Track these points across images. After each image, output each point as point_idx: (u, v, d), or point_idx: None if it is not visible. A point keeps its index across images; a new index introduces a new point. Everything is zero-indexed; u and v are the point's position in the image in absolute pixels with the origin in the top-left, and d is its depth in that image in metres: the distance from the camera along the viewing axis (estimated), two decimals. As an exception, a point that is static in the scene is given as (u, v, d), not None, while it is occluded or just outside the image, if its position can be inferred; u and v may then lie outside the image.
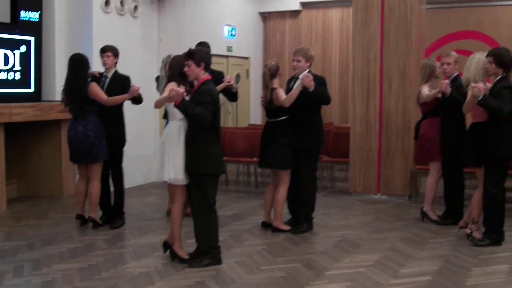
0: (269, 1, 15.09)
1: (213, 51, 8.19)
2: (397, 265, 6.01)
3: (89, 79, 7.24)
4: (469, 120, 6.99)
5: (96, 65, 8.12)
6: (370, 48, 9.65)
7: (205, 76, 5.85)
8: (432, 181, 7.78)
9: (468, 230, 6.76)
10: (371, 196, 9.60)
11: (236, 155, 10.25)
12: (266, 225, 7.38)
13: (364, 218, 8.19)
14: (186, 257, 5.91)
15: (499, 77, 6.54)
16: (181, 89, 5.48)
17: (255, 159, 9.99)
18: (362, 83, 9.67)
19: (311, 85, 6.77)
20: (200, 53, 5.88)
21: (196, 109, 5.54)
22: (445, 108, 7.43)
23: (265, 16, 15.41)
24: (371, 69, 9.64)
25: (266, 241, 6.93)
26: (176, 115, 5.84)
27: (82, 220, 7.41)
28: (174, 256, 5.96)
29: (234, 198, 9.71)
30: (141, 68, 10.53)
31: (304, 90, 6.81)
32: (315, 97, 6.93)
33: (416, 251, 6.55)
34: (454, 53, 7.72)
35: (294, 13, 15.15)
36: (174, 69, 6.08)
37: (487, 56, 6.58)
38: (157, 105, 6.20)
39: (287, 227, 7.26)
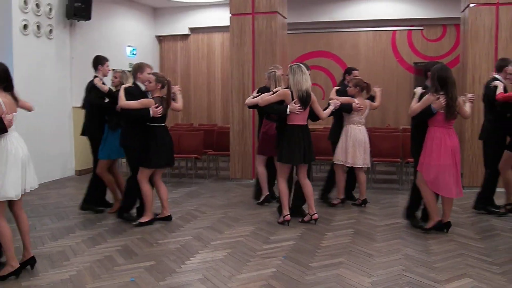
0: (163, 26, 14.87)
1: (117, 67, 7.99)
2: (268, 234, 6.08)
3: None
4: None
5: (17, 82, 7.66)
6: (244, 65, 9.72)
7: None
8: (264, 170, 7.61)
9: (308, 218, 6.61)
10: (248, 181, 9.65)
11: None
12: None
13: (242, 198, 8.21)
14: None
15: None
16: None
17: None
18: (239, 92, 9.71)
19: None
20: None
21: None
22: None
23: (161, 39, 15.16)
24: (246, 81, 9.70)
25: (164, 220, 6.78)
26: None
27: None
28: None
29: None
30: (56, 82, 10.19)
31: None
32: None
33: (283, 222, 6.66)
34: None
35: (184, 37, 15.00)
36: None
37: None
38: None
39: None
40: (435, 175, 5.85)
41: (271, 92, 6.53)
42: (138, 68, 6.58)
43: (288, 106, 6.22)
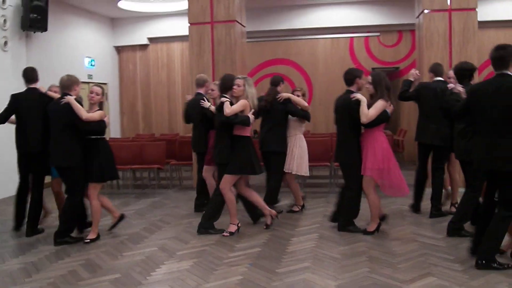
0: (122, 37, 14.74)
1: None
2: (234, 242, 6.07)
3: None
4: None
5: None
6: (204, 74, 9.65)
7: None
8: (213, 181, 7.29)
9: (270, 220, 6.65)
10: (212, 190, 9.60)
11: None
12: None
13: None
14: None
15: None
16: None
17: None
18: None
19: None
20: None
21: None
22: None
23: (119, 49, 15.03)
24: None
25: (128, 232, 6.73)
26: None
27: None
28: None
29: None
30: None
31: None
32: None
33: (248, 229, 6.64)
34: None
35: (143, 47, 14.92)
36: None
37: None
38: None
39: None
40: (387, 178, 6.04)
41: (228, 102, 6.27)
42: (76, 81, 6.28)
43: (250, 116, 6.25)
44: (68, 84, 6.21)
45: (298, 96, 7.43)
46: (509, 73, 4.68)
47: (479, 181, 5.48)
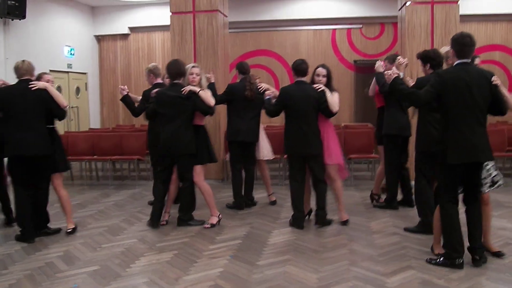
0: (102, 26, 14.55)
1: (55, 68, 7.69)
2: (215, 234, 6.04)
3: None
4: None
5: None
6: (186, 64, 9.55)
7: None
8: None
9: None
10: (193, 181, 9.53)
11: (79, 154, 9.73)
12: None
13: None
14: None
15: None
16: None
17: (95, 156, 9.66)
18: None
19: None
20: None
21: None
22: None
23: (100, 38, 14.84)
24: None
25: (107, 224, 6.65)
26: None
27: None
28: None
29: (79, 190, 9.24)
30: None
31: None
32: None
33: (229, 221, 6.61)
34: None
35: (124, 36, 14.75)
36: None
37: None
38: None
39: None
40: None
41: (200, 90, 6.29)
42: (33, 66, 5.96)
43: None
44: (31, 68, 5.90)
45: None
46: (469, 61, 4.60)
47: (454, 181, 4.67)
